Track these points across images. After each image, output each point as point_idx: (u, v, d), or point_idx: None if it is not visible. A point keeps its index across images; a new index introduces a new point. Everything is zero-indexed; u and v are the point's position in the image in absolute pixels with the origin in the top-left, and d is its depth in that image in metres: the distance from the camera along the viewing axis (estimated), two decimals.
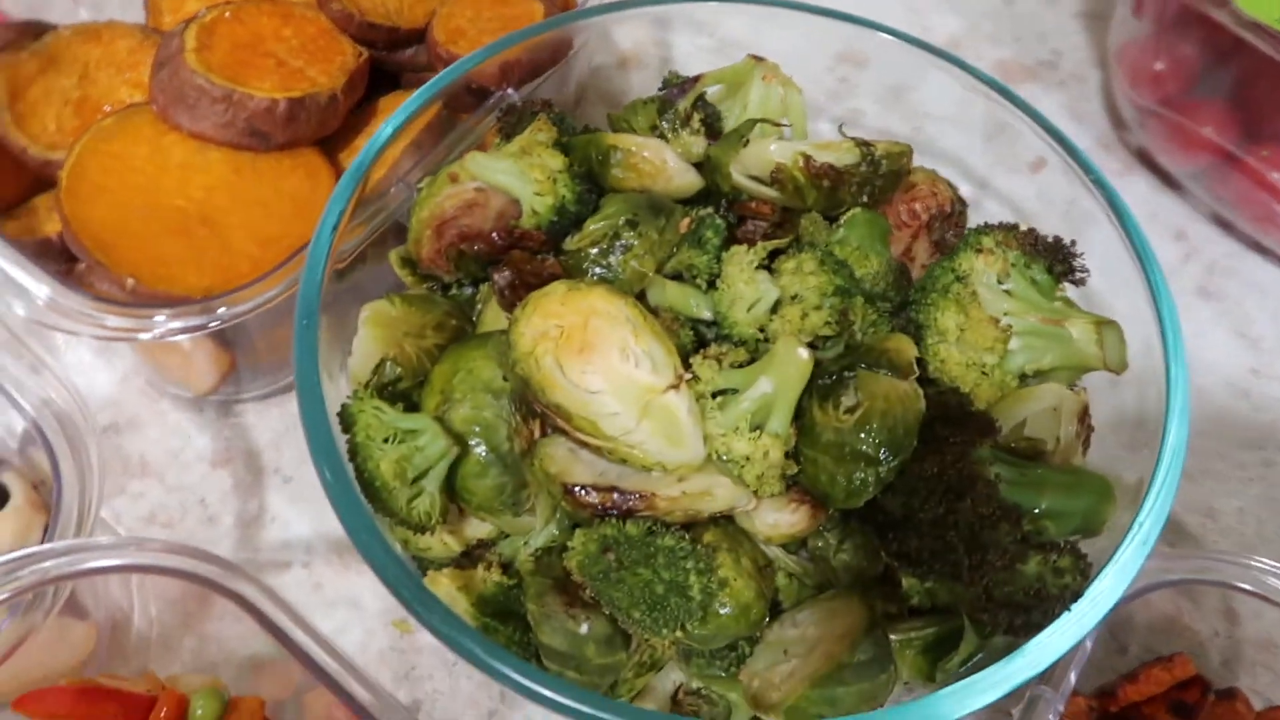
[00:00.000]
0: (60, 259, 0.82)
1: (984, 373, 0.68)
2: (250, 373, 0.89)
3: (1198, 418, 0.97)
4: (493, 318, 0.71)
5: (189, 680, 0.68)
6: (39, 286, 0.74)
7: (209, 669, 0.73)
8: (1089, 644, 0.62)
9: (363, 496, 0.61)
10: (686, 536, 0.60)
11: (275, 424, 0.91)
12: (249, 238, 0.80)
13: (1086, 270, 0.72)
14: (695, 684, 0.69)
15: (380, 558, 0.57)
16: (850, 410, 0.60)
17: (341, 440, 0.62)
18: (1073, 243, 0.72)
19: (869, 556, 0.65)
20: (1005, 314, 0.69)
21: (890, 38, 0.84)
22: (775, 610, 0.67)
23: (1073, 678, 0.62)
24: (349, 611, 0.82)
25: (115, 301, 0.74)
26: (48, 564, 0.60)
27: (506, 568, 0.67)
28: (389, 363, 0.67)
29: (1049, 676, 0.62)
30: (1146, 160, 1.11)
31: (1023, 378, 0.70)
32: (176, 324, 0.73)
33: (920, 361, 0.68)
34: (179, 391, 0.91)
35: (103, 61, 0.88)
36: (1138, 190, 1.10)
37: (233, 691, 0.69)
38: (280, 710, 0.70)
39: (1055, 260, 0.72)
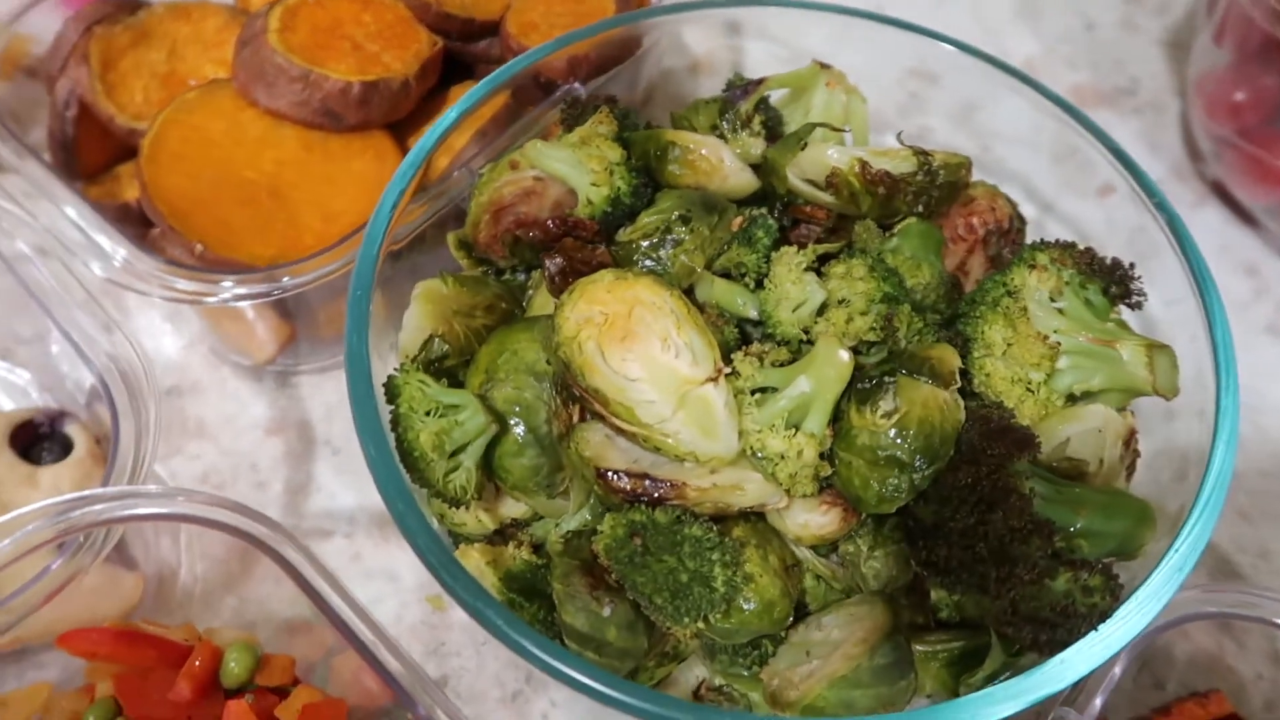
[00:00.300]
0: (137, 224, 0.86)
1: (1029, 389, 0.67)
2: (309, 345, 0.91)
3: (1261, 456, 0.94)
4: (542, 304, 0.72)
5: (224, 634, 0.70)
6: (115, 249, 0.77)
7: (247, 628, 0.75)
8: (1118, 670, 0.61)
9: (401, 466, 0.63)
10: (715, 529, 0.60)
11: (329, 397, 0.93)
12: (315, 213, 0.82)
13: (1144, 294, 0.71)
14: (718, 681, 0.69)
15: (413, 525, 0.59)
16: (887, 415, 0.60)
17: (385, 410, 0.64)
18: (1131, 265, 0.71)
19: (899, 565, 0.65)
20: (1055, 331, 0.68)
21: (964, 55, 0.83)
22: (802, 612, 0.67)
23: (1098, 703, 0.60)
24: (385, 584, 0.84)
25: (185, 266, 0.77)
26: (98, 507, 0.62)
27: (537, 548, 0.68)
28: (437, 339, 0.68)
29: (1074, 699, 0.61)
30: (1221, 193, 1.09)
31: (1071, 398, 0.69)
32: (241, 290, 0.76)
33: (965, 374, 0.67)
34: (240, 360, 0.94)
35: (191, 38, 0.91)
36: (1210, 223, 1.08)
37: (266, 650, 0.71)
38: (309, 671, 0.71)
39: (1112, 281, 0.70)
